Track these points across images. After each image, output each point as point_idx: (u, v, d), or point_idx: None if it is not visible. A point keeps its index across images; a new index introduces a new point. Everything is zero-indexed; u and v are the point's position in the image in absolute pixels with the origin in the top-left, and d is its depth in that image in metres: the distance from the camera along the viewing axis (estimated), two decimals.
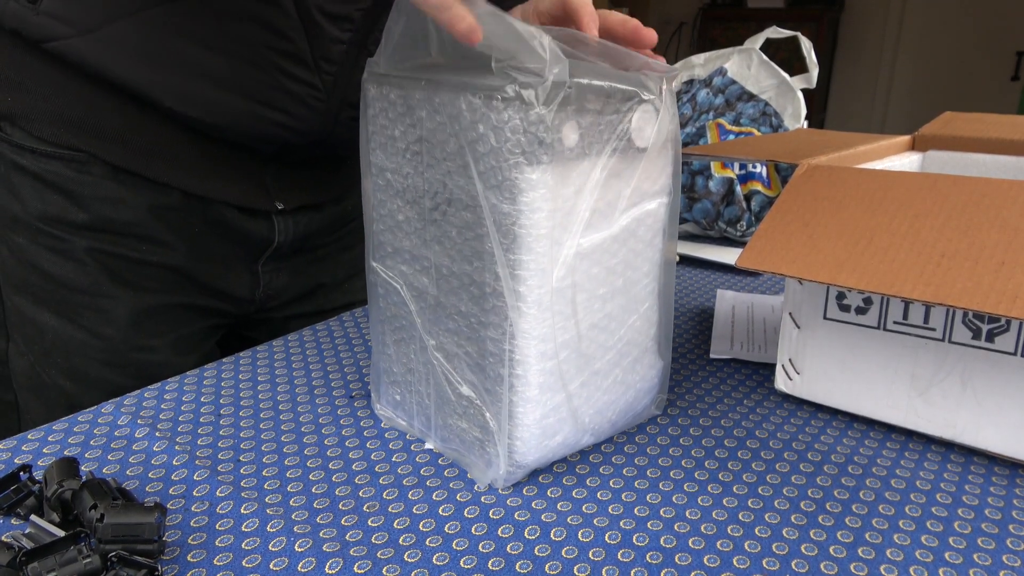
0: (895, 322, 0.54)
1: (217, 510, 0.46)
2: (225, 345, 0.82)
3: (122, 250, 0.67)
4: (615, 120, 0.43)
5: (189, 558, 0.42)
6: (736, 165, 1.06)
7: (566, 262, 0.44)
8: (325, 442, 0.54)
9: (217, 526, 0.44)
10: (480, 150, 0.41)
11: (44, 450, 0.52)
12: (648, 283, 0.50)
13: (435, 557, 0.42)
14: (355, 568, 0.41)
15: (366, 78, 0.49)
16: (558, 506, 0.47)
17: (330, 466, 0.51)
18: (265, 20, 0.61)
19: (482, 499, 0.47)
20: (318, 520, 0.45)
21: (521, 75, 0.39)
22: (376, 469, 0.50)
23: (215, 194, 0.70)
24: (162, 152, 0.66)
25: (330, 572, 0.41)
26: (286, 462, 0.51)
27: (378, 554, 0.42)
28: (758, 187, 1.06)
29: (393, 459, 0.52)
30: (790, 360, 0.59)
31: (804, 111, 1.11)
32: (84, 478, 0.44)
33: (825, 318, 0.57)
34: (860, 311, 0.55)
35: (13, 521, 0.44)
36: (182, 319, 0.73)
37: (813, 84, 1.12)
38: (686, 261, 1.00)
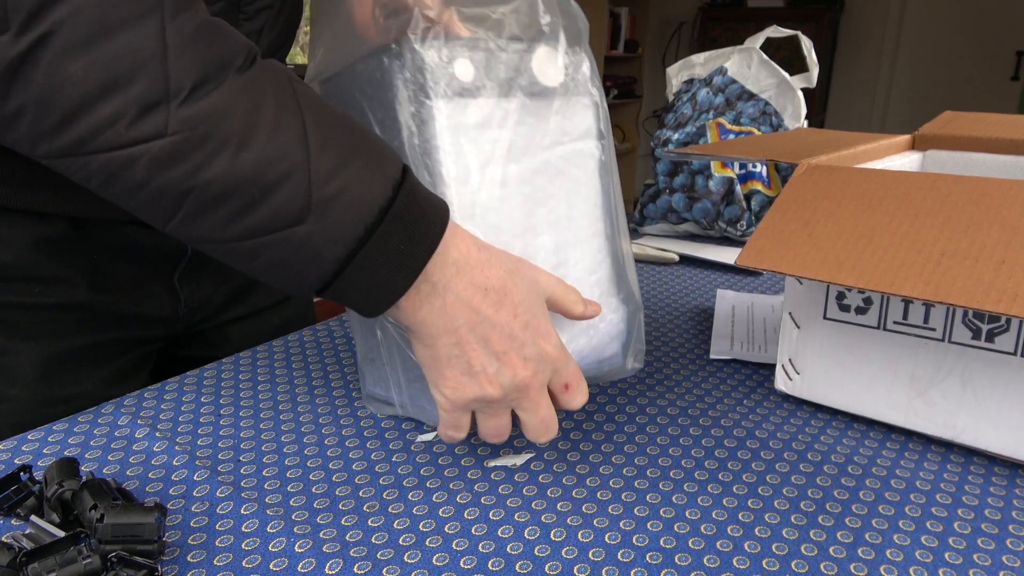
0: (895, 322, 0.54)
1: (217, 510, 0.46)
2: (159, 370, 0.74)
3: (11, 297, 0.59)
4: (515, 59, 0.47)
5: (189, 558, 0.42)
6: (736, 165, 1.06)
7: (479, 190, 0.47)
8: (325, 442, 0.54)
9: (217, 526, 0.44)
10: (400, 100, 0.46)
11: (44, 450, 0.52)
12: (590, 223, 0.52)
13: (435, 558, 0.42)
14: (355, 569, 0.41)
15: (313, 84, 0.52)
16: (558, 506, 0.47)
17: (330, 466, 0.51)
18: None
19: (482, 500, 0.47)
20: (318, 520, 0.45)
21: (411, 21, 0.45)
22: (376, 469, 0.51)
23: (109, 213, 0.60)
24: (35, 181, 0.57)
25: (330, 573, 0.41)
26: (286, 462, 0.51)
27: (378, 555, 0.42)
28: (758, 187, 1.06)
29: (393, 459, 0.52)
30: (790, 360, 0.59)
31: (804, 110, 1.11)
32: (84, 478, 0.44)
33: (825, 318, 0.57)
34: (860, 311, 0.55)
35: (13, 521, 0.44)
36: (101, 358, 0.65)
37: (813, 83, 1.12)
38: (686, 261, 1.00)
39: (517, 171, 0.48)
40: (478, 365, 0.46)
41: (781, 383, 0.60)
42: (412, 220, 0.44)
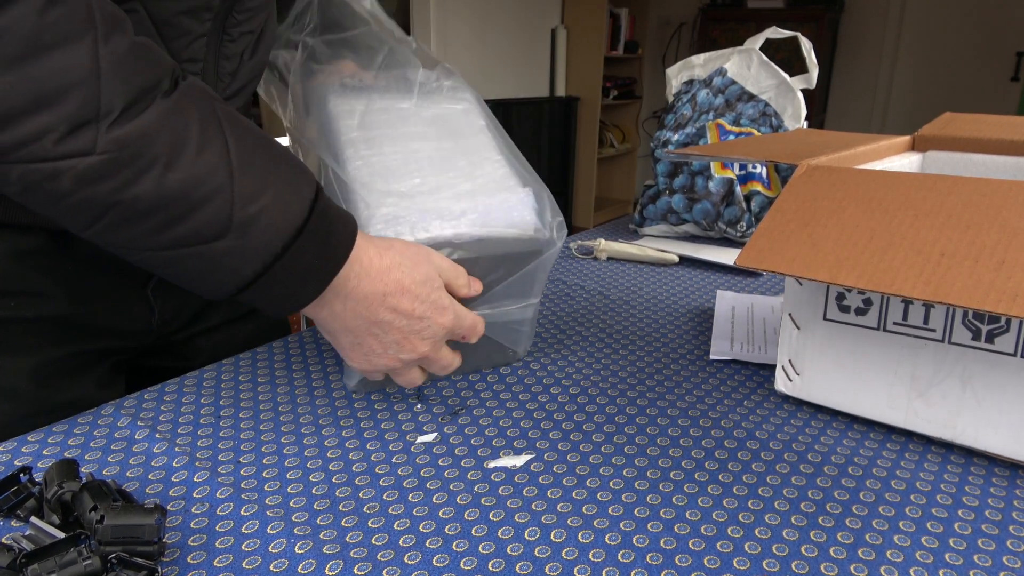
0: (895, 323, 0.54)
1: (217, 511, 0.46)
2: (130, 383, 0.72)
3: None
4: (384, 73, 0.67)
5: (189, 559, 0.42)
6: (736, 165, 1.06)
7: (363, 143, 0.62)
8: (325, 443, 0.54)
9: (217, 527, 0.44)
10: (320, 108, 0.65)
11: (44, 452, 0.52)
12: (491, 155, 0.65)
13: (435, 559, 0.42)
14: (355, 570, 0.41)
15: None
16: (558, 507, 0.47)
17: (330, 467, 0.51)
18: None
19: (482, 501, 0.47)
20: (318, 521, 0.45)
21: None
22: (376, 470, 0.51)
23: None
24: None
25: (330, 574, 0.41)
26: (286, 463, 0.51)
27: (378, 556, 0.42)
28: (758, 187, 1.06)
29: (393, 460, 0.52)
30: (790, 361, 0.59)
31: (804, 111, 1.11)
32: (84, 480, 0.44)
33: (825, 319, 0.57)
34: (860, 312, 0.55)
35: (13, 523, 0.44)
36: (79, 369, 0.65)
37: (813, 84, 1.12)
38: (686, 262, 1.00)
39: (418, 145, 0.64)
40: (379, 349, 0.53)
41: (781, 384, 0.60)
42: (325, 236, 0.48)
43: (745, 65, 1.15)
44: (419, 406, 0.59)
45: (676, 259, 1.00)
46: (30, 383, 0.61)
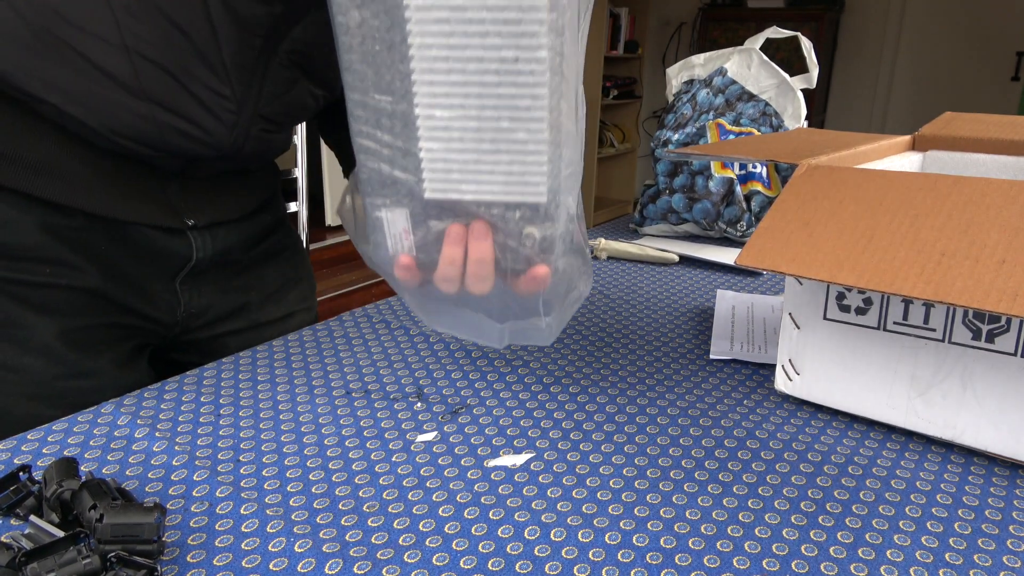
0: (895, 322, 0.53)
1: (217, 510, 0.46)
2: (157, 371, 0.75)
3: (23, 275, 0.62)
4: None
5: (189, 558, 0.42)
6: (736, 165, 1.06)
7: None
8: (325, 442, 0.54)
9: (217, 526, 0.44)
10: None
11: (43, 450, 0.52)
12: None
13: (435, 557, 0.42)
14: (355, 569, 0.41)
15: None
16: (558, 506, 0.47)
17: (330, 466, 0.51)
18: (171, 16, 0.56)
19: (482, 500, 0.47)
20: (318, 520, 0.45)
21: None
22: (376, 469, 0.50)
23: (119, 214, 0.64)
24: (53, 170, 0.61)
25: (330, 573, 0.41)
26: (286, 462, 0.51)
27: (378, 554, 0.42)
28: (758, 187, 1.06)
29: (393, 459, 0.52)
30: (790, 360, 0.59)
31: (804, 111, 1.11)
32: (83, 478, 0.44)
33: (825, 318, 0.57)
34: (860, 311, 0.55)
35: (12, 521, 0.44)
36: (112, 339, 0.68)
37: (813, 84, 1.12)
38: (686, 261, 1.00)
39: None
40: None
41: (781, 383, 0.60)
42: None
43: (745, 65, 1.15)
44: (419, 404, 0.59)
45: (676, 259, 1.00)
46: (62, 345, 0.64)
